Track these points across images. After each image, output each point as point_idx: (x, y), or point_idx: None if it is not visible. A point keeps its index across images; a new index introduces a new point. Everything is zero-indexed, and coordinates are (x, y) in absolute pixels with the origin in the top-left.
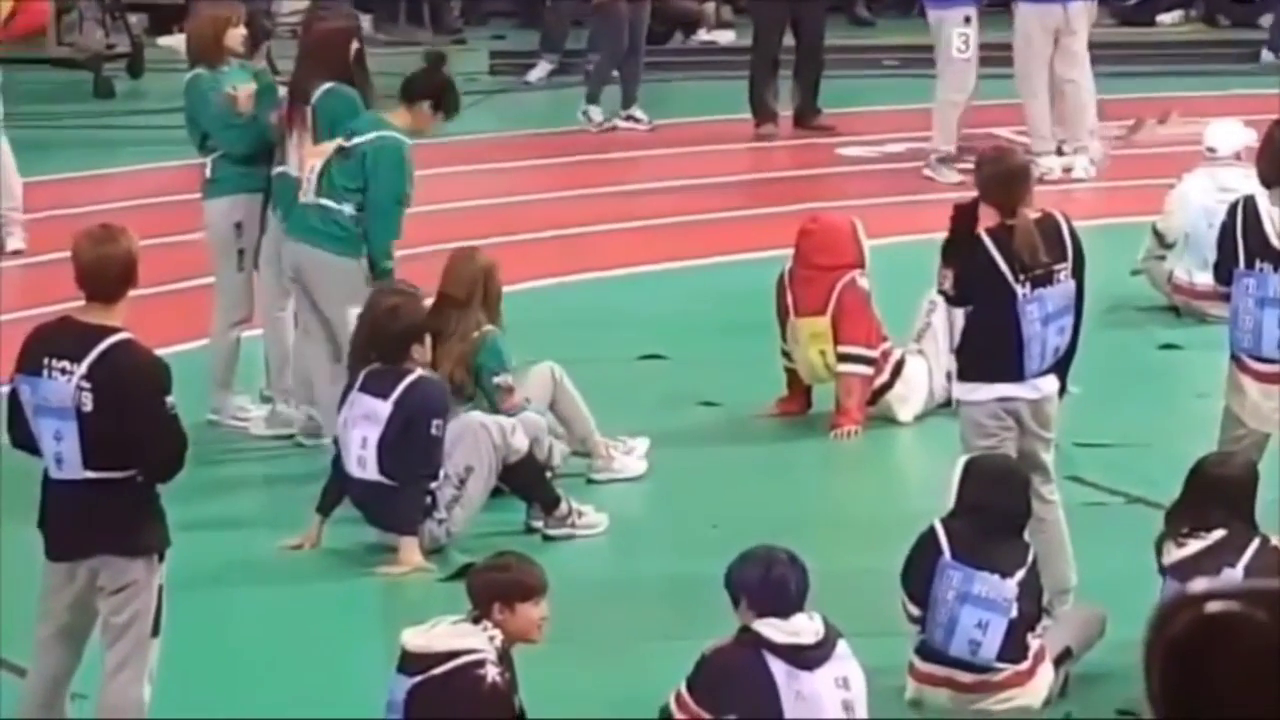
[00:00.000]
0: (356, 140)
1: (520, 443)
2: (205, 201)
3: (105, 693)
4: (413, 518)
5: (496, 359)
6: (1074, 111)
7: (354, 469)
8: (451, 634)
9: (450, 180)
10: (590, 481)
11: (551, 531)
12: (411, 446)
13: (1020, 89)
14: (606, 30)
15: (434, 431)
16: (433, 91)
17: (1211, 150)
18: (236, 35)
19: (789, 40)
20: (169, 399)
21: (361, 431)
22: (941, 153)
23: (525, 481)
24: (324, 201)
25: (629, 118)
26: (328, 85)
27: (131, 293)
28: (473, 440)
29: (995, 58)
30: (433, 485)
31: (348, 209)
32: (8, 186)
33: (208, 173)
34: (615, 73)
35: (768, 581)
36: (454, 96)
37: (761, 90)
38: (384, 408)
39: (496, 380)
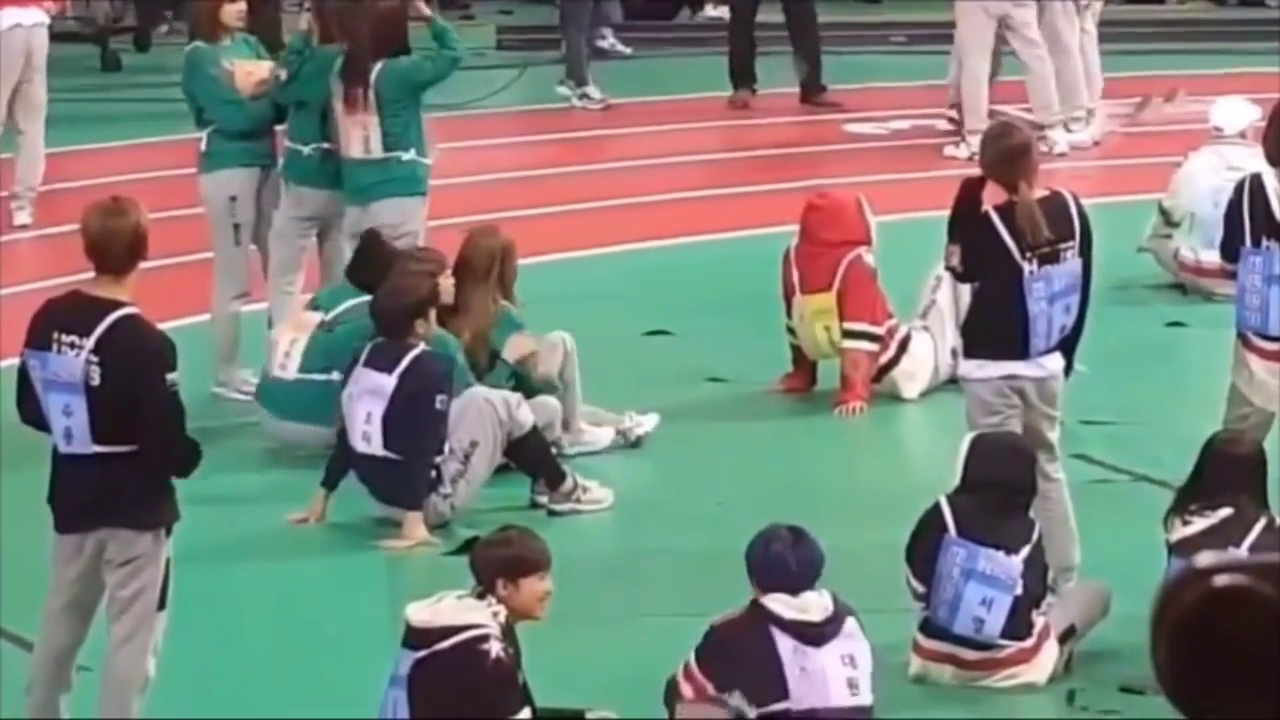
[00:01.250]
0: (336, 313)
1: (525, 418)
2: (201, 175)
3: (110, 665)
4: (417, 492)
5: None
6: (1035, 88)
7: (359, 444)
8: (456, 609)
9: (460, 155)
10: (560, 455)
11: (556, 507)
12: (416, 421)
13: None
14: (569, 6)
15: (438, 406)
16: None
17: (1218, 128)
18: (233, 11)
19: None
20: (170, 376)
21: (366, 406)
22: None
23: (530, 457)
24: (306, 376)
25: (583, 96)
26: (380, 64)
27: (141, 265)
28: (477, 415)
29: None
30: (437, 460)
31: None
32: (33, 169)
33: (203, 146)
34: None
35: (766, 558)
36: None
37: (736, 60)
38: (388, 382)
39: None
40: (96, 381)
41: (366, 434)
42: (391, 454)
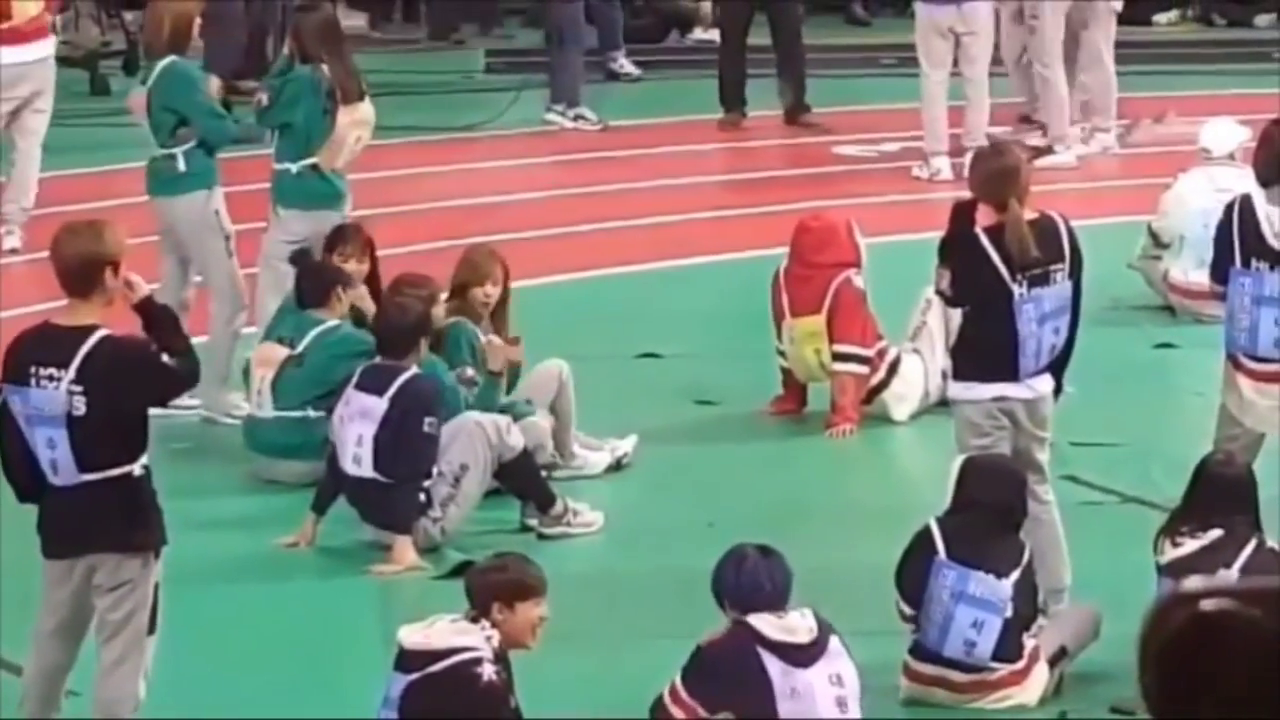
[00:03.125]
0: (305, 345)
1: (516, 441)
2: (178, 197)
3: (100, 689)
4: (408, 516)
5: (457, 352)
6: (971, 113)
7: (349, 466)
8: (449, 632)
9: (450, 177)
10: (550, 477)
11: (547, 530)
12: (406, 444)
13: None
14: (564, 23)
15: (427, 429)
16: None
17: (1207, 150)
18: (196, 25)
19: (766, 40)
20: (162, 359)
21: (357, 429)
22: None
23: (521, 480)
24: (284, 413)
25: (577, 118)
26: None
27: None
28: (468, 439)
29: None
30: (427, 483)
31: (310, 412)
32: (25, 186)
33: (181, 166)
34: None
35: (740, 579)
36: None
37: (728, 84)
38: (379, 405)
39: (454, 372)
40: (81, 411)
41: (357, 456)
42: (382, 477)
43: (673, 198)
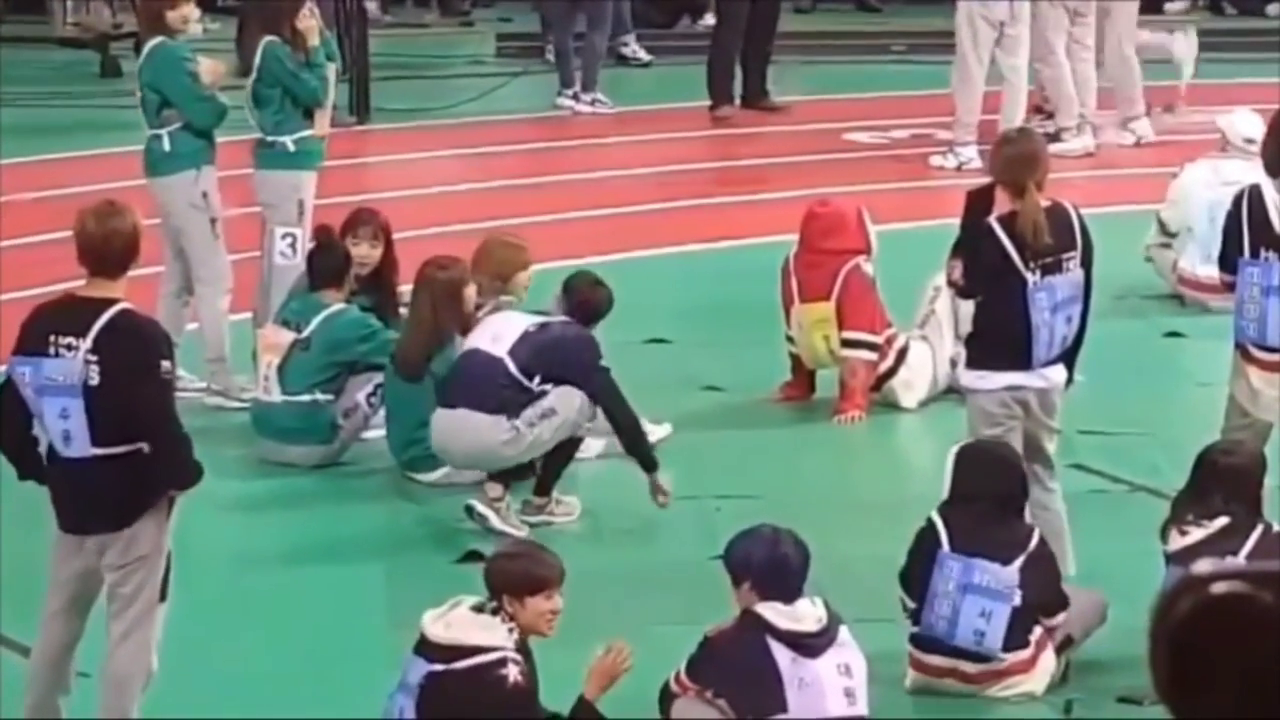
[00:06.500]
0: (310, 330)
1: (588, 425)
2: (166, 178)
3: (111, 661)
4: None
5: None
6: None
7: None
8: (473, 625)
9: (459, 163)
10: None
11: (530, 519)
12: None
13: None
14: (594, 10)
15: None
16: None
17: (1228, 140)
18: (188, 5)
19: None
20: (165, 364)
21: None
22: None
23: (558, 457)
24: (292, 398)
25: (594, 101)
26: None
27: (134, 270)
28: (570, 395)
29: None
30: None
31: (318, 395)
32: None
33: (166, 146)
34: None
35: (772, 561)
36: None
37: (721, 74)
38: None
39: None
40: (95, 381)
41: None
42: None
43: (683, 183)
